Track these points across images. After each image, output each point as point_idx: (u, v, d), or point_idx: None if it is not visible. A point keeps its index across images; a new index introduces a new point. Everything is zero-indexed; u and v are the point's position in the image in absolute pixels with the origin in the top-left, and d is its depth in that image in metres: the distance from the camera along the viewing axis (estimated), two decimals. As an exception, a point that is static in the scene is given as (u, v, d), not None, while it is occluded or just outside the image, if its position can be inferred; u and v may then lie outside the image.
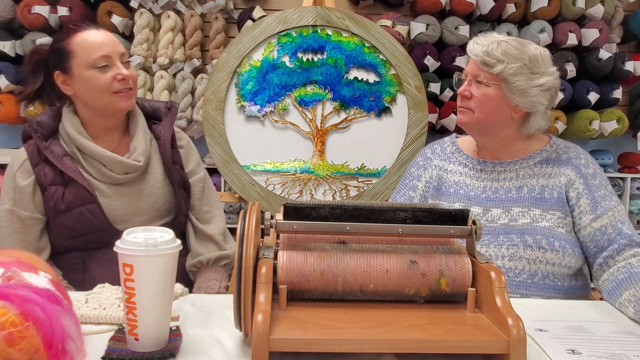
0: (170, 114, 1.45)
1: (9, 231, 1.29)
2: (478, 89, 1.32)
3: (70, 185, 1.30)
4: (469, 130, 1.40)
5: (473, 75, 1.33)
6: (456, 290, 0.90)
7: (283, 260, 0.87)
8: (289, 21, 2.18)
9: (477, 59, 1.31)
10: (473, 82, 1.34)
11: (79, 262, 1.34)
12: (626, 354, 0.87)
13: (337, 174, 2.23)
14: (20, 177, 1.31)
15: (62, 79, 1.30)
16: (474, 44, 1.33)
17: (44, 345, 0.64)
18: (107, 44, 1.28)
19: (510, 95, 1.30)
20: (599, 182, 1.33)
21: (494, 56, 1.29)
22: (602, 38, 2.67)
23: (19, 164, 1.32)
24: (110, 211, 1.32)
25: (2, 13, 2.61)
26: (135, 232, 0.84)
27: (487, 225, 1.34)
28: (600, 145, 3.01)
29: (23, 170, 1.31)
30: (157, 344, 0.82)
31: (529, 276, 1.28)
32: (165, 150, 1.40)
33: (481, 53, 1.30)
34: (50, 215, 1.31)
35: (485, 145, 1.42)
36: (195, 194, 1.46)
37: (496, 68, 1.28)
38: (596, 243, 1.28)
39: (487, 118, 1.33)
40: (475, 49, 1.32)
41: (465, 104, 1.35)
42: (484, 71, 1.31)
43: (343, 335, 0.78)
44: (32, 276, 0.76)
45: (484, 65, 1.30)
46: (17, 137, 2.91)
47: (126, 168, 1.33)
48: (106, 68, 1.27)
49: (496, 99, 1.31)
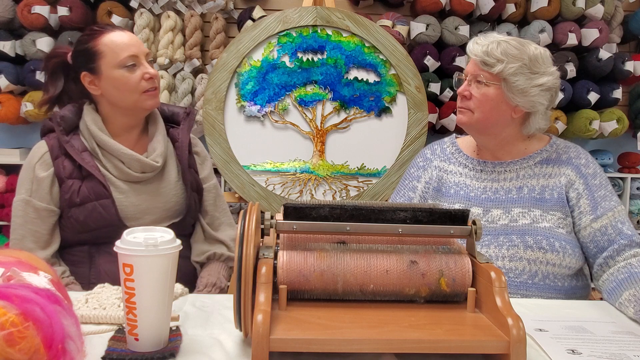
0: (189, 119, 1.49)
1: (22, 220, 1.31)
2: (478, 89, 1.32)
3: (87, 179, 1.32)
4: (469, 130, 1.40)
5: (473, 75, 1.33)
6: (456, 290, 0.90)
7: (283, 260, 0.87)
8: (289, 21, 2.18)
9: (477, 58, 1.31)
10: (473, 82, 1.33)
11: (85, 257, 1.36)
12: (626, 354, 0.87)
13: (337, 174, 2.23)
14: (40, 169, 1.32)
15: (89, 79, 1.33)
16: (473, 44, 1.33)
17: (44, 345, 0.64)
18: (133, 44, 1.31)
19: (510, 95, 1.29)
20: (599, 182, 1.33)
21: (494, 56, 1.28)
22: (602, 38, 2.67)
23: (38, 156, 1.34)
24: (124, 207, 1.34)
25: (2, 13, 2.61)
26: (135, 232, 0.84)
27: (488, 226, 1.34)
28: (600, 145, 3.01)
29: (43, 162, 1.33)
30: (157, 344, 0.82)
31: (529, 277, 1.28)
32: (182, 152, 1.43)
33: (481, 53, 1.30)
34: (63, 208, 1.33)
35: (485, 145, 1.42)
36: (209, 199, 1.50)
37: (496, 68, 1.28)
38: (596, 243, 1.28)
39: (487, 118, 1.33)
40: (475, 49, 1.32)
41: (465, 104, 1.35)
42: (484, 71, 1.31)
43: (343, 335, 0.78)
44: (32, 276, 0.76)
45: (483, 65, 1.30)
46: (17, 137, 2.91)
47: (144, 167, 1.35)
48: (134, 67, 1.31)
49: (496, 99, 1.31)
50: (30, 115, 2.64)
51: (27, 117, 2.67)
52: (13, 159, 2.70)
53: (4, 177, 2.70)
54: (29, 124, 2.83)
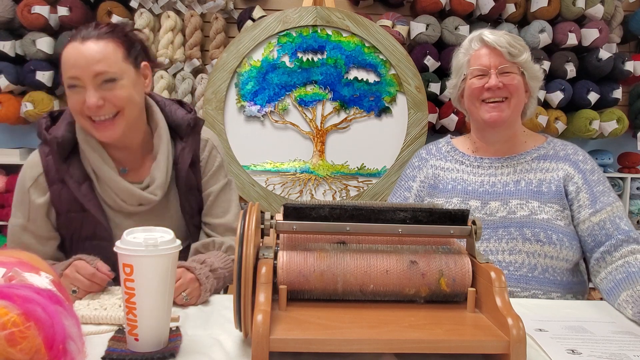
0: (194, 132, 1.31)
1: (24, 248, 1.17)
2: (506, 77, 1.33)
3: (86, 213, 1.21)
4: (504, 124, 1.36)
5: (495, 67, 1.33)
6: (456, 290, 0.90)
7: (283, 260, 0.87)
8: (289, 21, 2.18)
9: (502, 49, 1.33)
10: (498, 74, 1.33)
11: None
12: (626, 354, 0.87)
13: (337, 174, 2.23)
14: (35, 194, 1.21)
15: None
16: (492, 35, 1.34)
17: (45, 345, 0.64)
18: (76, 65, 1.11)
19: (530, 82, 1.37)
20: (597, 178, 1.35)
21: (517, 46, 1.34)
22: (602, 38, 2.67)
23: (32, 177, 1.21)
24: None
25: (2, 13, 2.61)
26: (135, 232, 0.84)
27: (486, 218, 1.34)
28: (600, 145, 3.02)
29: (37, 185, 1.21)
30: (157, 344, 0.82)
31: (529, 270, 1.29)
32: (181, 177, 1.28)
33: (506, 44, 1.32)
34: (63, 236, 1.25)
35: (497, 140, 1.41)
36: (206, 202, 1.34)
37: (522, 57, 1.34)
38: (594, 237, 1.29)
39: (518, 106, 1.38)
40: (499, 41, 1.33)
41: (497, 94, 1.33)
42: (509, 62, 1.33)
43: (343, 335, 0.78)
44: (33, 276, 0.76)
45: (509, 55, 1.33)
46: (17, 137, 2.91)
47: (140, 200, 1.22)
48: (75, 89, 1.13)
49: (521, 85, 1.36)
50: (30, 115, 2.64)
51: (27, 117, 2.67)
52: (13, 159, 2.70)
53: (4, 177, 2.70)
54: (29, 124, 2.83)
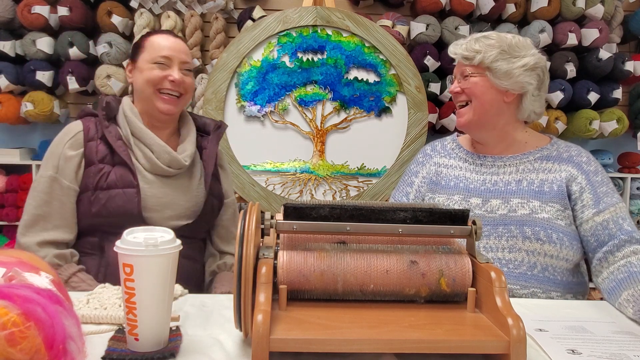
0: (219, 131, 1.56)
1: (47, 197, 1.33)
2: (466, 81, 1.39)
3: (117, 166, 1.36)
4: (470, 129, 1.43)
5: (459, 73, 1.41)
6: (456, 290, 0.90)
7: (283, 260, 0.87)
8: (289, 21, 2.18)
9: (457, 57, 1.40)
10: (461, 79, 1.41)
11: (96, 247, 1.36)
12: (626, 354, 0.87)
13: (337, 174, 2.23)
14: (70, 148, 1.36)
15: (130, 67, 1.46)
16: (453, 46, 1.43)
17: (45, 345, 0.64)
18: (171, 48, 1.40)
19: (497, 81, 1.35)
20: (601, 179, 1.35)
21: (472, 49, 1.37)
22: (602, 38, 2.68)
23: (71, 134, 1.38)
24: (147, 197, 1.36)
25: (2, 13, 2.61)
26: (135, 232, 0.84)
27: (486, 215, 1.35)
28: (600, 145, 3.02)
29: (74, 141, 1.37)
30: (157, 344, 0.82)
31: (528, 268, 1.29)
32: (208, 159, 1.50)
33: (460, 50, 1.39)
34: (85, 190, 1.35)
35: (487, 141, 1.43)
36: (228, 214, 1.55)
37: (476, 59, 1.35)
38: (597, 237, 1.29)
39: (482, 106, 1.37)
40: (454, 49, 1.42)
41: (459, 99, 1.42)
42: (467, 66, 1.38)
43: (343, 335, 0.78)
44: (33, 276, 0.76)
45: (465, 60, 1.38)
46: (17, 137, 2.92)
47: (172, 161, 1.39)
48: (163, 67, 1.39)
49: (484, 85, 1.36)
50: (30, 115, 2.64)
51: (27, 117, 2.67)
52: (13, 159, 2.70)
53: (4, 177, 2.70)
54: (29, 124, 2.83)
